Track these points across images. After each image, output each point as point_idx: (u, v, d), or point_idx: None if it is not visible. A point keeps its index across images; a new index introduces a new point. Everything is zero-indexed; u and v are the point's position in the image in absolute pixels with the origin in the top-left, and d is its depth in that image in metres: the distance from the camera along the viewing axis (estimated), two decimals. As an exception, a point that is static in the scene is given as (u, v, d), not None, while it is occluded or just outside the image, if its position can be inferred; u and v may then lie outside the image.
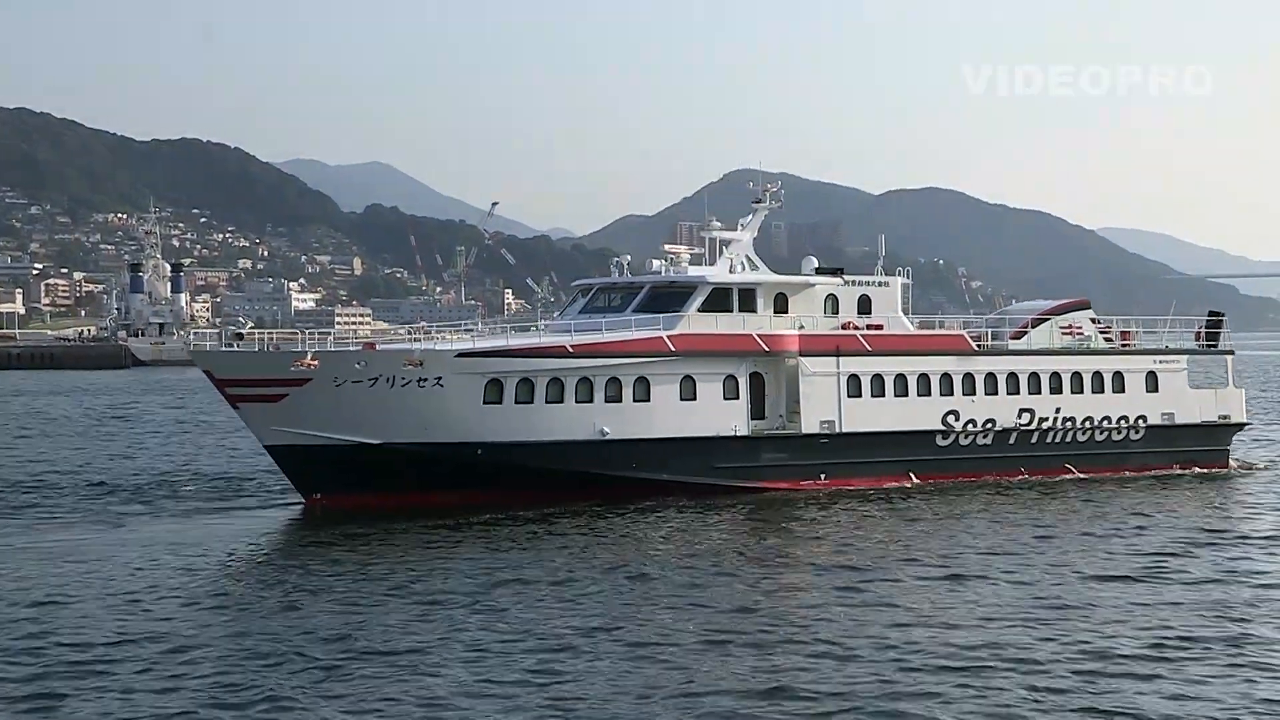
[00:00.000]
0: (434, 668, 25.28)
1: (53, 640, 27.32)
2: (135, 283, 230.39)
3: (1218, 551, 37.47)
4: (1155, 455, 54.81)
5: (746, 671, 24.93)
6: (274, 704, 23.20)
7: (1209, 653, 26.26)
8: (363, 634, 27.72)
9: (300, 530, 42.81)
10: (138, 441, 71.91)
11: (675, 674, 24.80)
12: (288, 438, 44.79)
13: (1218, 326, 58.20)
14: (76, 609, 30.22)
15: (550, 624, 28.38)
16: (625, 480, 46.58)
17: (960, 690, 23.72)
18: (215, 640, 27.47)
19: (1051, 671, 24.86)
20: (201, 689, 24.06)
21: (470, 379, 45.44)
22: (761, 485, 48.54)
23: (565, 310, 53.64)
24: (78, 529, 41.80)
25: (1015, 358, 53.34)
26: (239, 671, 25.12)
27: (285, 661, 25.73)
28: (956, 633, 27.81)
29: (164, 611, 30.06)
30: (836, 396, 50.02)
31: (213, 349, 45.85)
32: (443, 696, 23.58)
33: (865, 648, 26.40)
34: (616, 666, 25.35)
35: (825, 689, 23.79)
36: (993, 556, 36.46)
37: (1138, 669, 25.08)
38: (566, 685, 24.12)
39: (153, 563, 35.80)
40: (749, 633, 27.73)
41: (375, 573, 34.10)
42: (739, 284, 50.43)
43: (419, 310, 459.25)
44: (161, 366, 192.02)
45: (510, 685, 24.15)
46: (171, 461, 60.83)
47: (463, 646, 26.71)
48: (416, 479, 44.91)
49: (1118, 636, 27.42)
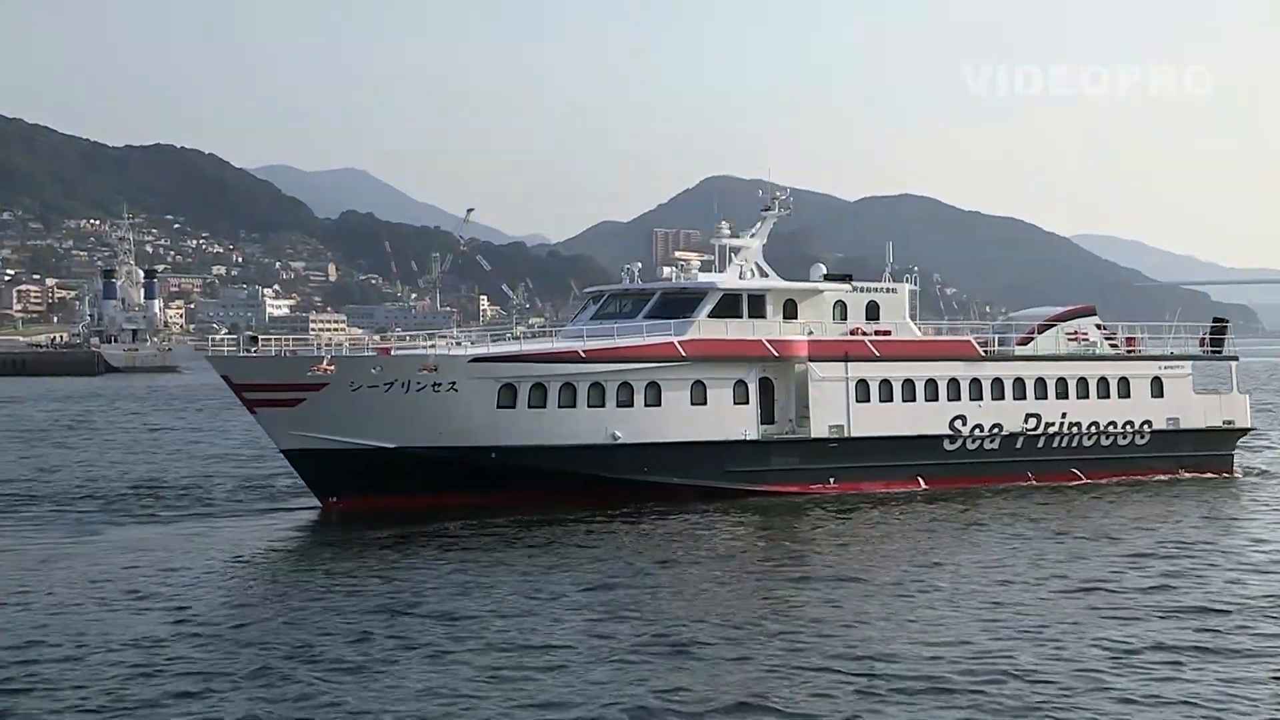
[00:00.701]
0: (452, 665, 25.73)
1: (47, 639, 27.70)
2: (108, 289, 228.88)
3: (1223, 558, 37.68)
4: (1160, 460, 55.28)
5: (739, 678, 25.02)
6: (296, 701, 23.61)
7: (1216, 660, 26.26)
8: (390, 626, 28.48)
9: (317, 532, 42.99)
10: (137, 447, 71.77)
11: (663, 678, 24.86)
12: (304, 442, 44.93)
13: (1222, 333, 58.81)
14: (86, 609, 30.57)
15: (531, 631, 28.41)
16: (637, 484, 46.82)
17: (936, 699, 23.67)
18: (255, 635, 27.71)
19: (1047, 679, 24.86)
20: (241, 682, 24.46)
21: (484, 384, 45.62)
22: (771, 489, 48.80)
23: (577, 316, 53.87)
24: (103, 532, 42.22)
25: (1022, 363, 53.78)
26: (269, 658, 25.92)
27: (311, 658, 26.20)
28: (957, 636, 28.03)
29: (207, 607, 30.33)
30: (845, 401, 50.37)
31: (230, 354, 45.89)
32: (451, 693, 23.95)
33: (843, 657, 26.29)
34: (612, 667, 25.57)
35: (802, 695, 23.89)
36: (994, 559, 36.89)
37: (1118, 683, 24.73)
38: (549, 688, 24.26)
39: (198, 561, 36.69)
40: (746, 635, 27.89)
41: (390, 576, 34.45)
42: (749, 290, 50.77)
43: (394, 317, 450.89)
44: (134, 373, 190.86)
45: (502, 684, 24.41)
46: (192, 466, 60.95)
47: (474, 648, 26.96)
48: (431, 482, 45.04)
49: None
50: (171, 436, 79.25)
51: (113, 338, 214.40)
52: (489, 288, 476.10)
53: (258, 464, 59.97)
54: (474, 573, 34.68)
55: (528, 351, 47.36)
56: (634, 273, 54.39)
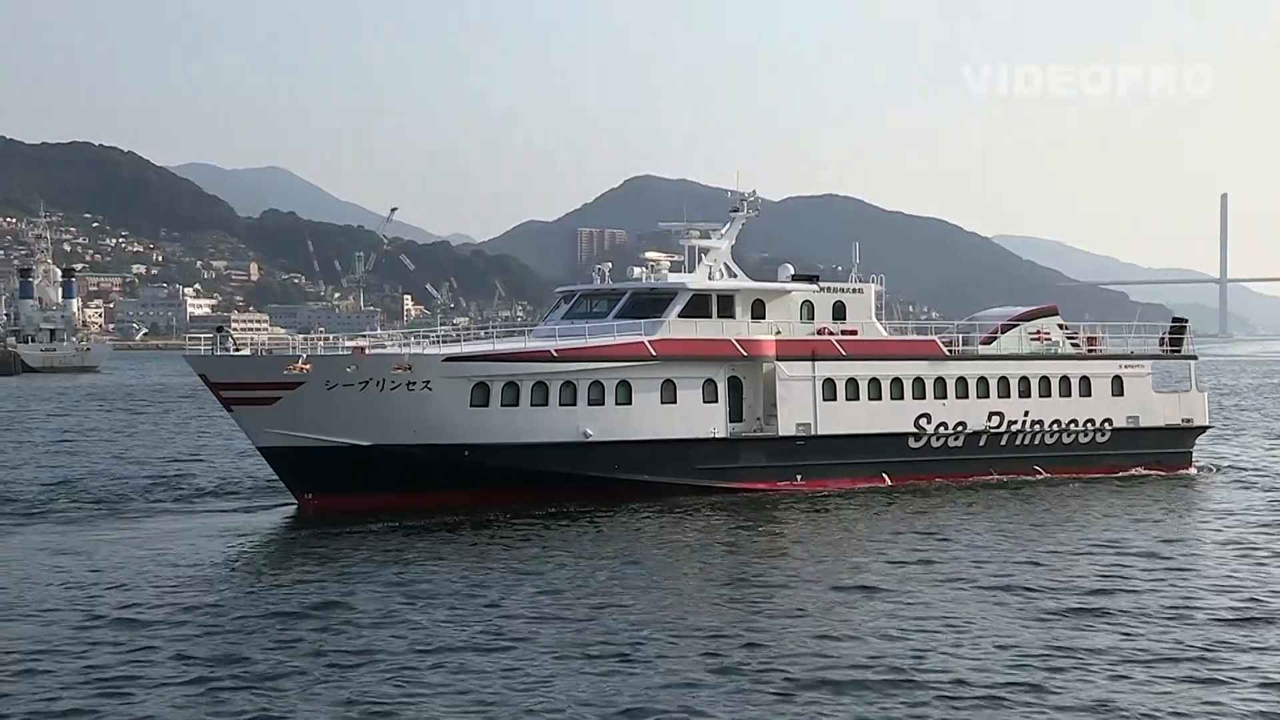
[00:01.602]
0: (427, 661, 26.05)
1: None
2: (25, 288, 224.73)
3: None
4: (1121, 457, 56.34)
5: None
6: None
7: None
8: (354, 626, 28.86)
9: (294, 529, 43.11)
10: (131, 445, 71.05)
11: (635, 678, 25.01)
12: (281, 439, 44.96)
13: (1181, 333, 60.01)
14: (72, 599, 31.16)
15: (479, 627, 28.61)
16: (608, 481, 47.18)
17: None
18: (229, 624, 28.82)
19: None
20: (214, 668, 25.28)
21: (457, 382, 45.75)
22: (740, 486, 49.31)
23: (548, 316, 54.09)
24: (83, 526, 42.80)
25: (985, 362, 54.63)
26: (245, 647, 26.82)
27: (283, 644, 27.09)
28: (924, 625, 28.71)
29: (218, 588, 30.45)
30: (812, 400, 50.90)
31: (207, 354, 45.73)
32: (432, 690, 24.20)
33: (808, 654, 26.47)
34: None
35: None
36: (968, 553, 37.62)
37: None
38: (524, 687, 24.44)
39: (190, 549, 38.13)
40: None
41: (368, 568, 35.06)
42: (718, 290, 51.20)
43: (317, 316, 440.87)
44: (52, 373, 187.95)
45: (478, 681, 24.66)
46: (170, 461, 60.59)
47: (447, 643, 27.27)
48: (406, 479, 45.10)
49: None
50: (148, 434, 78.55)
51: (29, 338, 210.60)
52: (413, 287, 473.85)
53: (237, 461, 59.87)
54: (441, 569, 35.05)
55: (501, 351, 47.55)
56: (604, 273, 54.73)
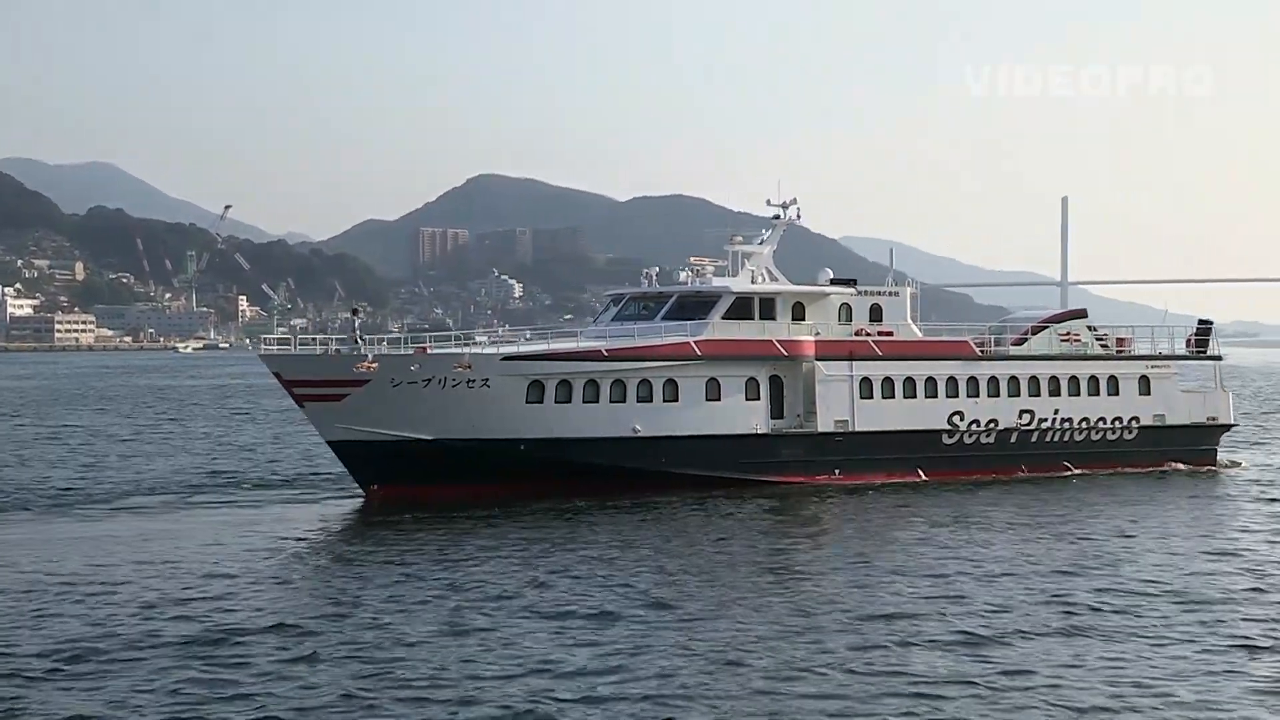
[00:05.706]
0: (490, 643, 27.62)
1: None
2: None
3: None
4: (1147, 454, 58.63)
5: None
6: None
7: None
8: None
9: (363, 517, 46.62)
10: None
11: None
12: (348, 434, 48.64)
13: (1206, 334, 62.27)
14: (144, 586, 33.07)
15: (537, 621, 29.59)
16: (655, 474, 50.35)
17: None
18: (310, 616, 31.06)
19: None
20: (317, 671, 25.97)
21: (514, 380, 49.35)
22: (780, 479, 52.37)
23: (599, 318, 57.61)
24: (159, 516, 46.08)
25: (1016, 362, 57.37)
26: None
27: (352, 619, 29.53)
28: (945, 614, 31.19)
29: (259, 578, 33.91)
30: (850, 398, 53.97)
31: (281, 353, 49.81)
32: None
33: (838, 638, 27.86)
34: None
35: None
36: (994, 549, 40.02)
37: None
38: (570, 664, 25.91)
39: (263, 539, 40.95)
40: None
41: (435, 556, 37.72)
42: (760, 294, 54.41)
43: (146, 317, 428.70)
44: None
45: (525, 661, 26.18)
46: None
47: (502, 624, 29.07)
48: (465, 472, 48.57)
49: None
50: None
51: None
52: (248, 287, 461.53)
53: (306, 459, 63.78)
54: (508, 554, 38.05)
55: (555, 350, 51.09)
56: (652, 276, 58.18)
